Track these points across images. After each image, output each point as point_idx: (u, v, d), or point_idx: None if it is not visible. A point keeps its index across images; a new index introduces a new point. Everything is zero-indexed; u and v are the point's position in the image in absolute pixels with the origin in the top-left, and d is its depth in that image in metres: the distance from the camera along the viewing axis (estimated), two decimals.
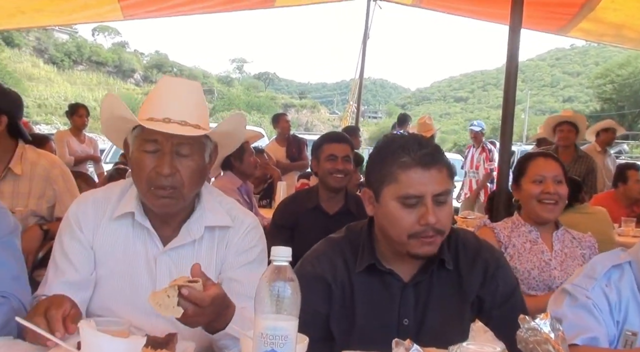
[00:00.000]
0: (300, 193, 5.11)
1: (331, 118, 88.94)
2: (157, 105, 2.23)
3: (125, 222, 2.33)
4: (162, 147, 2.19)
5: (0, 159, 3.84)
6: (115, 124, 2.33)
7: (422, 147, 2.14)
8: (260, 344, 1.48)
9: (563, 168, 3.57)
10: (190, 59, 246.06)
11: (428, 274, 2.26)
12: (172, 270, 2.29)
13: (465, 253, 2.32)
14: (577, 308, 2.11)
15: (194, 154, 2.24)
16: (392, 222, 2.18)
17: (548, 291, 3.39)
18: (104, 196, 2.38)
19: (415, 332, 2.19)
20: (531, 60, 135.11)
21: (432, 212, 2.10)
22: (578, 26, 7.74)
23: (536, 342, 1.58)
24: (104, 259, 2.31)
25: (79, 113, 9.21)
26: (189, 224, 2.33)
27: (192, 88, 2.31)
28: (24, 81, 57.47)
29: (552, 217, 3.54)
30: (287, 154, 9.92)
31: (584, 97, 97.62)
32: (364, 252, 2.31)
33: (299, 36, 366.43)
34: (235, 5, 8.53)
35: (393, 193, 2.15)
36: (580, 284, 2.17)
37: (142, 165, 2.21)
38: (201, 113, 2.29)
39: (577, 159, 7.40)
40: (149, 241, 2.32)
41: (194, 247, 2.34)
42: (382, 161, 2.20)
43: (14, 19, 7.05)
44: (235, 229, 2.38)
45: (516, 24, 5.06)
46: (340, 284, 2.30)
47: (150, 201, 2.24)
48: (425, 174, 2.11)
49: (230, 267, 2.34)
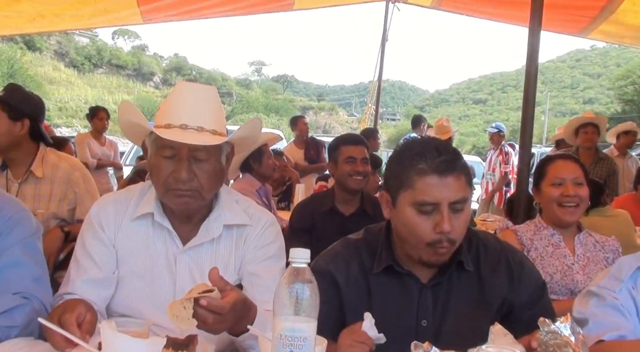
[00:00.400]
0: (316, 196, 5.11)
1: (349, 120, 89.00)
2: (174, 111, 2.24)
3: (145, 223, 2.36)
4: (179, 153, 2.21)
5: (22, 162, 3.88)
6: (132, 129, 2.37)
7: (440, 154, 2.11)
8: (279, 346, 1.49)
9: (584, 170, 3.52)
10: (209, 62, 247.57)
11: (447, 275, 2.25)
12: (192, 268, 2.32)
13: (486, 255, 2.31)
14: (605, 307, 2.10)
15: (210, 158, 2.26)
16: (408, 228, 2.17)
17: (570, 295, 3.35)
18: (125, 197, 2.42)
19: (433, 333, 2.18)
20: (551, 62, 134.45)
21: (447, 220, 2.08)
22: (598, 28, 7.67)
23: (556, 346, 1.57)
24: (126, 259, 2.34)
25: (99, 116, 9.27)
26: (208, 223, 2.36)
27: (208, 93, 2.32)
28: (45, 85, 57.89)
29: (573, 220, 3.49)
30: (305, 156, 9.93)
31: (604, 99, 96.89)
32: (382, 254, 2.30)
33: (317, 39, 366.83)
34: (254, 8, 8.53)
35: (409, 199, 2.14)
36: (606, 285, 2.15)
37: (159, 170, 2.23)
38: (218, 118, 2.30)
39: (598, 161, 7.35)
40: (168, 240, 2.35)
41: (213, 246, 2.37)
42: (400, 166, 2.18)
43: (35, 23, 7.10)
44: (252, 226, 2.41)
45: (536, 26, 5.03)
46: (354, 285, 2.30)
47: (170, 200, 2.27)
48: (442, 182, 2.09)
49: (249, 262, 2.37)
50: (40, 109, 3.99)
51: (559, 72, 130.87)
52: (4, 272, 2.25)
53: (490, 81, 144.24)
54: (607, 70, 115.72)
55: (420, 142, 2.25)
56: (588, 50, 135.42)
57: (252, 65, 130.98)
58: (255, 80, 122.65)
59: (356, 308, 2.27)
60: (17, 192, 3.84)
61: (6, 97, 3.82)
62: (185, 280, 2.30)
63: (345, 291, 2.29)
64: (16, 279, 2.26)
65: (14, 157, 3.88)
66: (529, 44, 5.04)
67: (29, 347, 2.03)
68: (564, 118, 63.97)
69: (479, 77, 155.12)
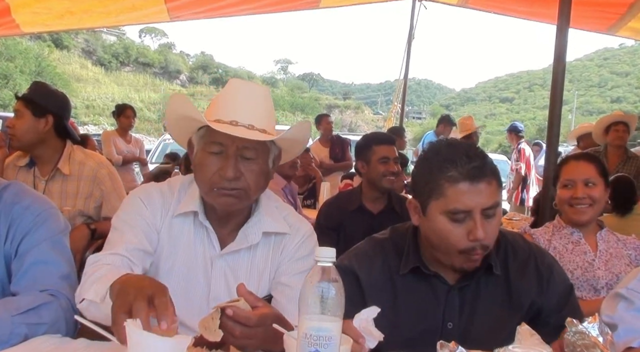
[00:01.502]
0: (343, 194, 5.09)
1: (375, 119, 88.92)
2: (225, 108, 2.20)
3: (187, 220, 2.30)
4: (227, 150, 2.16)
5: (49, 159, 3.92)
6: (180, 124, 2.30)
7: (471, 160, 2.07)
8: (304, 345, 1.48)
9: (599, 168, 3.48)
10: (235, 60, 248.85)
11: (475, 278, 2.23)
12: (227, 273, 2.27)
13: (515, 258, 2.28)
14: (634, 311, 2.06)
15: (258, 158, 2.21)
16: (440, 236, 2.13)
17: (593, 291, 3.35)
18: (169, 190, 2.35)
19: (458, 336, 2.11)
20: (579, 61, 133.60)
21: (480, 227, 2.04)
22: (627, 25, 7.59)
23: (584, 346, 1.55)
24: (167, 254, 2.29)
25: (126, 114, 9.30)
26: (247, 228, 2.30)
27: (261, 92, 2.27)
28: (72, 82, 58.57)
29: (585, 219, 3.46)
30: (330, 154, 9.92)
31: (632, 98, 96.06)
32: (409, 255, 2.28)
33: (343, 37, 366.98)
34: (281, 6, 8.54)
35: (441, 207, 2.10)
36: (635, 288, 2.12)
37: (206, 167, 2.18)
38: (269, 118, 2.25)
39: (627, 160, 7.28)
40: (207, 241, 2.29)
41: (250, 253, 2.31)
42: (429, 174, 2.14)
43: (63, 20, 7.14)
44: (291, 236, 2.34)
45: (564, 23, 5.00)
46: (378, 285, 2.28)
47: (214, 199, 2.21)
48: (473, 189, 2.05)
49: (283, 273, 2.30)
50: (65, 105, 4.03)
51: (586, 70, 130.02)
52: (31, 269, 2.26)
53: (517, 80, 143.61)
54: (635, 68, 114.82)
55: (449, 147, 2.18)
56: (616, 49, 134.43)
57: (278, 63, 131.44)
58: (281, 78, 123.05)
59: (379, 306, 2.26)
60: (44, 189, 3.88)
61: (30, 94, 3.88)
62: (220, 285, 2.26)
63: (368, 290, 2.27)
64: (44, 276, 2.26)
65: (41, 154, 3.92)
66: (557, 42, 5.01)
67: (55, 345, 2.02)
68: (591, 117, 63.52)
69: (506, 75, 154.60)
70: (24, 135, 3.82)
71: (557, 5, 5.05)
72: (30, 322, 2.08)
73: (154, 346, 1.52)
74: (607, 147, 7.42)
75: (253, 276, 2.31)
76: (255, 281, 2.31)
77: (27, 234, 2.32)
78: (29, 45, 52.22)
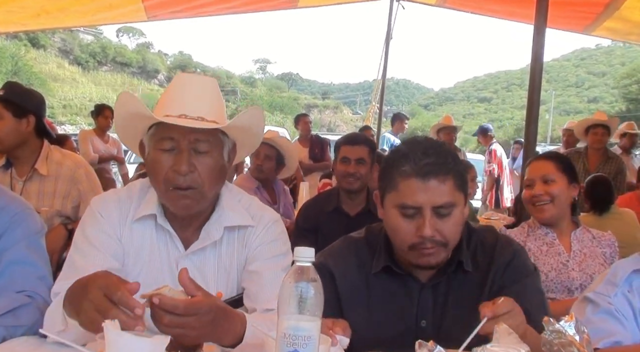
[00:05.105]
0: (321, 195, 5.07)
1: (354, 118, 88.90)
2: (172, 102, 2.16)
3: (149, 224, 2.27)
4: (179, 145, 2.12)
5: (27, 160, 3.89)
6: (130, 124, 2.24)
7: (426, 157, 2.07)
8: (283, 345, 1.48)
9: (558, 165, 3.50)
10: (213, 60, 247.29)
11: (446, 275, 2.23)
12: (195, 273, 2.19)
13: (483, 252, 2.29)
14: (599, 314, 2.10)
15: (212, 151, 2.17)
16: (392, 229, 2.16)
17: (567, 293, 3.38)
18: (127, 196, 2.30)
19: (432, 334, 2.13)
20: (556, 61, 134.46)
21: (429, 225, 2.05)
22: (603, 25, 7.67)
23: (561, 345, 1.56)
24: (133, 261, 2.25)
25: (104, 114, 9.26)
26: (208, 225, 2.27)
27: (208, 84, 2.24)
28: (49, 82, 58.02)
29: (546, 216, 3.50)
30: (309, 154, 9.94)
31: (609, 98, 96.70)
32: (380, 254, 2.29)
33: (322, 36, 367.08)
34: (259, 5, 8.53)
35: (393, 201, 2.13)
36: (602, 291, 2.16)
37: (158, 165, 2.14)
38: (218, 109, 2.21)
39: (607, 161, 7.38)
40: (170, 243, 2.26)
41: (215, 249, 2.28)
42: (388, 167, 2.17)
43: (39, 19, 7.09)
44: (255, 227, 2.31)
45: (541, 23, 5.04)
46: (352, 283, 2.29)
47: (170, 203, 2.17)
48: (423, 186, 2.06)
49: (251, 262, 2.28)
50: (42, 104, 4.01)
51: (563, 70, 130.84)
52: (8, 270, 2.25)
53: (495, 80, 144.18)
54: (612, 69, 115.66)
55: (410, 143, 2.21)
56: (593, 49, 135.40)
57: (257, 63, 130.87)
58: (259, 78, 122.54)
59: (353, 306, 2.26)
60: (22, 190, 3.85)
61: (8, 95, 3.80)
62: None
63: (342, 287, 2.28)
64: (20, 277, 2.25)
65: (19, 155, 3.88)
66: (534, 42, 5.05)
67: (34, 347, 2.00)
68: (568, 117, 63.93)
69: (484, 75, 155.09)
70: (6, 137, 3.77)
71: (534, 5, 5.08)
72: (7, 325, 2.07)
73: (131, 346, 1.51)
74: (587, 148, 7.52)
75: (221, 273, 2.29)
76: (224, 278, 2.29)
77: (3, 234, 2.30)
78: (4, 44, 51.63)
